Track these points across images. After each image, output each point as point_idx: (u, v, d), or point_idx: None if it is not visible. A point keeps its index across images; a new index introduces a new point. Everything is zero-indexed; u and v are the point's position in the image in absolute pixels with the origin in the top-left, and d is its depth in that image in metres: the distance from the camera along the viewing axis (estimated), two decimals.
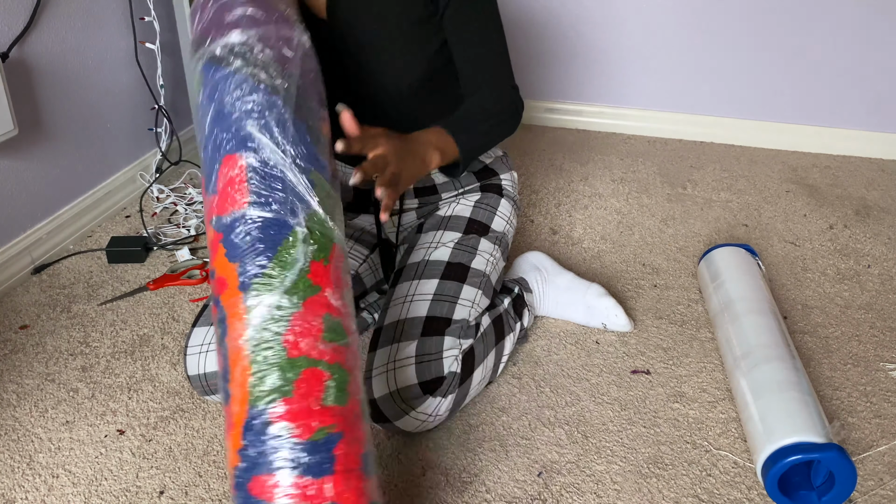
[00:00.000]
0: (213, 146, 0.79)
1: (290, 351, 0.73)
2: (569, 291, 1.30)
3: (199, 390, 1.04)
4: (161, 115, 1.76)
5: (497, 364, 1.12)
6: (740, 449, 1.05)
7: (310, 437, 0.70)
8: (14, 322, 1.31)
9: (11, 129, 1.30)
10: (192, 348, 1.03)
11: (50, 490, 0.96)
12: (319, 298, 0.76)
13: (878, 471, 1.01)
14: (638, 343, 1.27)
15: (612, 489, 0.98)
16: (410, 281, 1.10)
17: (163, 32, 1.72)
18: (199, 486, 0.97)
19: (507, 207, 1.24)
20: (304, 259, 0.76)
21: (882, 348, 1.27)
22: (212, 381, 1.02)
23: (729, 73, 2.13)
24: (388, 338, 1.03)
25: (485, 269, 1.14)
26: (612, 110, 2.27)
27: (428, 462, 1.01)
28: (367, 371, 1.02)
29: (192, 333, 1.04)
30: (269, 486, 0.69)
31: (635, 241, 1.61)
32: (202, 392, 1.04)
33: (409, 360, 0.99)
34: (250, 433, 0.71)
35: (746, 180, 1.94)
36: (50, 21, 1.44)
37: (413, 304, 1.06)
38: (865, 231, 1.67)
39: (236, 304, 0.75)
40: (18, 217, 1.43)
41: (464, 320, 1.05)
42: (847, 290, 1.44)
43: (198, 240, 1.59)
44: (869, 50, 2.00)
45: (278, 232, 0.76)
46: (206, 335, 1.03)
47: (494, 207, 1.22)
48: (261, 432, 0.70)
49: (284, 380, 0.72)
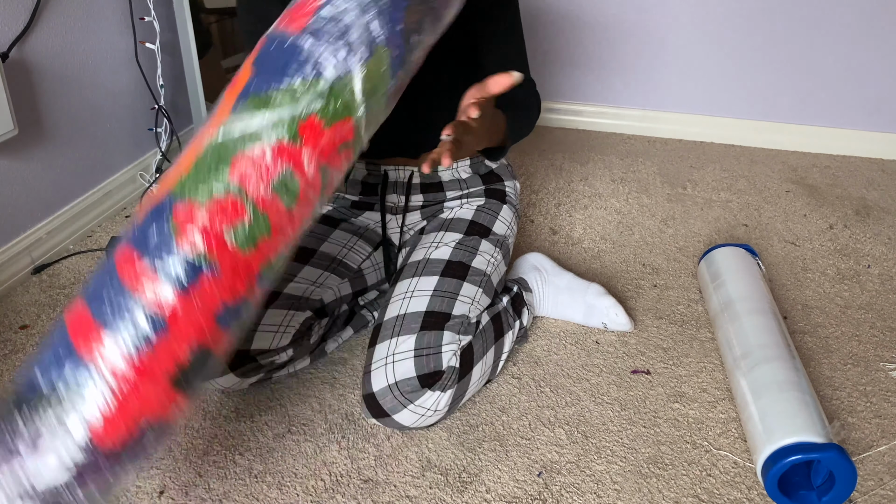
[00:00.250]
0: None
1: (232, 175, 0.68)
2: (568, 291, 1.30)
3: None
4: (161, 115, 1.76)
5: (497, 362, 1.12)
6: (740, 449, 1.05)
7: (191, 255, 0.67)
8: (14, 322, 1.31)
9: (11, 129, 1.30)
10: None
11: None
12: (291, 149, 0.70)
13: (878, 471, 1.02)
14: (638, 343, 1.27)
15: (612, 489, 0.98)
16: (410, 278, 1.11)
17: (163, 32, 1.72)
18: (199, 486, 0.97)
19: (509, 214, 1.26)
20: (305, 107, 0.69)
21: (882, 348, 1.27)
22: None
23: (729, 73, 2.13)
24: (388, 333, 1.03)
25: (485, 269, 1.14)
26: (612, 110, 2.27)
27: (428, 462, 1.01)
28: (367, 365, 1.02)
29: None
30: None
31: (635, 241, 1.61)
32: None
33: (408, 353, 1.00)
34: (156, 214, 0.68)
35: (746, 180, 1.94)
36: (50, 21, 1.44)
37: (413, 299, 1.07)
38: (865, 231, 1.67)
39: (229, 104, 0.71)
40: (18, 217, 1.43)
41: (463, 316, 1.05)
42: (847, 290, 1.44)
43: None
44: (869, 50, 2.00)
45: (302, 67, 0.70)
46: None
47: (496, 212, 1.24)
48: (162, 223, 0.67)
49: (208, 193, 0.67)
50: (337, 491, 0.97)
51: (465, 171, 1.26)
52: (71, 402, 0.67)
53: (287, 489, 0.97)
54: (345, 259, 1.19)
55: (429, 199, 1.25)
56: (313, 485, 0.98)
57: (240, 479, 0.98)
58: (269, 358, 1.06)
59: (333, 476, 0.99)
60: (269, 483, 0.98)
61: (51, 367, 0.68)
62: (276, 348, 1.06)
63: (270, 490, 0.97)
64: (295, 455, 1.02)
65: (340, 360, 1.21)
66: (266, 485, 0.97)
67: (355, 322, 1.26)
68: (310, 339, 1.12)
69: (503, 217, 1.25)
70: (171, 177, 0.71)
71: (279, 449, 1.03)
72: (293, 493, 0.96)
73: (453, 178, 1.25)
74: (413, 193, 1.24)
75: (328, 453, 1.03)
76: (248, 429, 1.07)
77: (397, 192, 1.24)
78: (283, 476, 0.99)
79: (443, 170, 1.23)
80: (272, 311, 1.06)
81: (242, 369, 1.04)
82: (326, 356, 1.22)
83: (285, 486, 0.97)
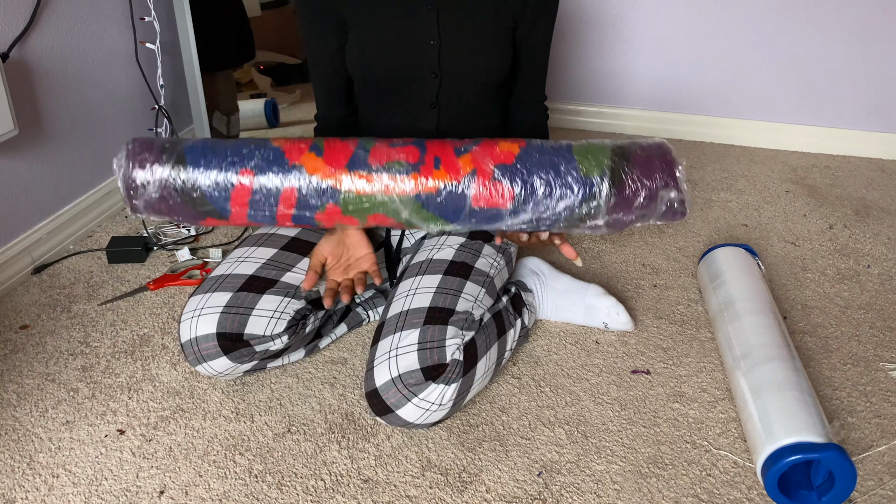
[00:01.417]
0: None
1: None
2: (567, 294, 1.30)
3: (192, 359, 1.06)
4: (161, 115, 1.76)
5: (500, 359, 1.12)
6: (740, 449, 1.05)
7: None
8: (14, 322, 1.31)
9: (11, 129, 1.30)
10: (186, 314, 1.06)
11: (50, 490, 0.96)
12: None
13: (877, 471, 1.02)
14: (638, 343, 1.27)
15: (612, 489, 0.98)
16: (414, 277, 1.11)
17: (163, 32, 1.72)
18: (199, 486, 0.97)
19: None
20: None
21: (882, 348, 1.27)
22: (203, 346, 1.04)
23: (729, 73, 2.13)
24: (391, 328, 1.04)
25: (488, 270, 1.15)
26: (612, 110, 2.27)
27: (428, 462, 1.02)
28: (369, 362, 1.02)
29: (188, 302, 1.07)
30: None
31: (635, 241, 1.61)
32: (195, 360, 1.06)
33: (412, 346, 1.00)
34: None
35: (746, 180, 1.94)
36: (50, 21, 1.44)
37: (416, 296, 1.07)
38: (865, 231, 1.67)
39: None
40: (18, 217, 1.43)
41: (467, 313, 1.05)
42: (847, 290, 1.44)
43: (198, 240, 1.59)
44: (869, 50, 2.00)
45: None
46: (200, 301, 1.06)
47: None
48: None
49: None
50: (337, 491, 0.97)
51: None
52: None
53: (287, 489, 0.97)
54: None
55: None
56: (313, 485, 0.98)
57: (240, 479, 0.98)
58: (263, 344, 1.06)
59: (333, 476, 0.99)
60: (269, 483, 0.98)
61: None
62: (270, 335, 1.06)
63: (270, 490, 0.97)
64: (295, 455, 1.02)
65: (340, 360, 1.21)
66: (266, 485, 0.97)
67: (350, 319, 1.27)
68: (304, 329, 1.12)
69: None
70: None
71: (279, 449, 1.03)
72: (293, 493, 0.96)
73: None
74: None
75: (328, 453, 1.03)
76: (248, 429, 1.07)
77: None
78: (283, 476, 0.99)
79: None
80: (268, 297, 1.06)
81: (235, 353, 1.05)
82: (319, 351, 1.22)
83: (285, 486, 0.97)
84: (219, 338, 1.04)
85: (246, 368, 1.10)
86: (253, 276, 1.09)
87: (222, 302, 1.05)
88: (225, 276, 1.09)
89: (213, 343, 1.04)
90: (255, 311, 1.05)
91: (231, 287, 1.07)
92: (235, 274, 1.09)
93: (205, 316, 1.04)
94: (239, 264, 1.11)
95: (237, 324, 1.04)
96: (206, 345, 1.04)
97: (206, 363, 1.06)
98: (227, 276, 1.09)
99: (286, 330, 1.08)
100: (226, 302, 1.05)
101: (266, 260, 1.12)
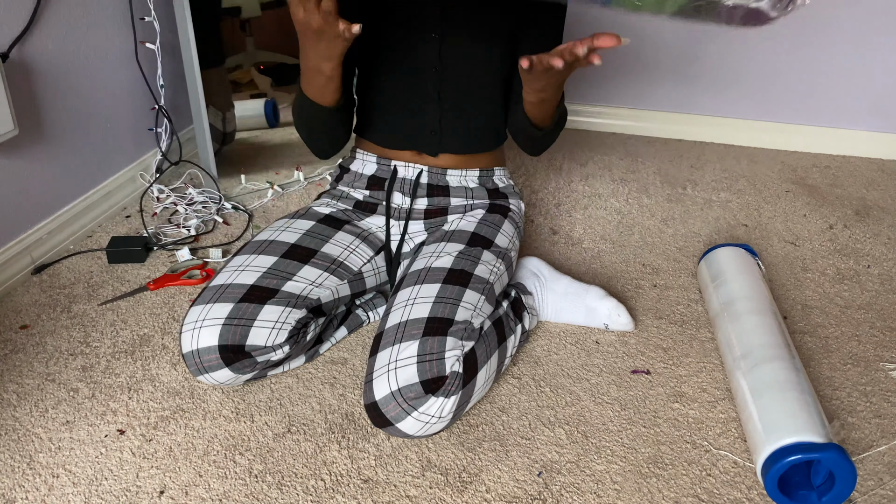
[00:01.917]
0: None
1: None
2: (567, 296, 1.30)
3: (194, 369, 1.05)
4: (161, 115, 1.76)
5: (500, 367, 1.12)
6: (740, 449, 1.05)
7: None
8: (14, 322, 1.31)
9: (11, 129, 1.30)
10: (188, 325, 1.05)
11: (50, 490, 0.96)
12: None
13: (878, 471, 1.02)
14: (638, 343, 1.27)
15: (612, 489, 0.98)
16: (412, 286, 1.11)
17: (163, 32, 1.72)
18: (199, 486, 0.97)
19: (511, 229, 1.27)
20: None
21: (882, 348, 1.27)
22: (205, 359, 1.04)
23: (729, 73, 2.13)
24: (389, 340, 1.03)
25: (488, 277, 1.14)
26: (612, 110, 2.27)
27: (428, 462, 1.02)
28: (368, 374, 1.02)
29: (189, 312, 1.06)
30: None
31: (635, 241, 1.61)
32: (196, 371, 1.05)
33: (411, 359, 0.99)
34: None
35: (746, 180, 1.94)
36: (50, 21, 1.44)
37: (415, 306, 1.06)
38: (865, 231, 1.67)
39: None
40: (18, 217, 1.43)
41: (466, 322, 1.05)
42: (847, 290, 1.44)
43: (198, 240, 1.59)
44: (869, 50, 2.00)
45: None
46: (202, 312, 1.05)
47: (499, 226, 1.26)
48: None
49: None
50: (337, 491, 0.97)
51: (472, 180, 1.27)
52: None
53: (287, 489, 0.97)
54: (346, 261, 1.19)
55: (433, 203, 1.25)
56: (313, 485, 0.98)
57: (240, 479, 0.98)
58: (264, 355, 1.06)
59: (333, 476, 0.99)
60: (269, 483, 0.98)
61: None
62: (271, 345, 1.06)
63: (270, 490, 0.97)
64: (295, 455, 1.02)
65: (340, 360, 1.21)
66: (266, 485, 0.97)
67: (350, 322, 1.27)
68: (306, 337, 1.12)
69: (505, 231, 1.25)
70: None
71: (279, 449, 1.03)
72: (293, 493, 0.96)
73: (460, 185, 1.26)
74: (419, 196, 1.25)
75: (328, 453, 1.03)
76: (248, 429, 1.07)
77: (403, 190, 1.24)
78: (283, 476, 0.99)
79: (451, 174, 1.26)
80: (269, 308, 1.06)
81: (237, 364, 1.05)
82: (320, 355, 1.22)
83: (285, 486, 0.97)
84: (221, 350, 1.03)
85: (247, 378, 1.10)
86: (254, 285, 1.08)
87: (224, 314, 1.04)
88: (226, 286, 1.08)
89: (214, 356, 1.04)
90: (257, 322, 1.05)
91: (232, 298, 1.06)
92: (236, 284, 1.08)
93: (206, 328, 1.04)
94: (239, 273, 1.10)
95: (239, 336, 1.04)
96: (207, 357, 1.04)
97: (208, 374, 1.06)
98: (227, 285, 1.08)
99: (287, 340, 1.07)
100: (227, 313, 1.04)
101: (266, 269, 1.11)
